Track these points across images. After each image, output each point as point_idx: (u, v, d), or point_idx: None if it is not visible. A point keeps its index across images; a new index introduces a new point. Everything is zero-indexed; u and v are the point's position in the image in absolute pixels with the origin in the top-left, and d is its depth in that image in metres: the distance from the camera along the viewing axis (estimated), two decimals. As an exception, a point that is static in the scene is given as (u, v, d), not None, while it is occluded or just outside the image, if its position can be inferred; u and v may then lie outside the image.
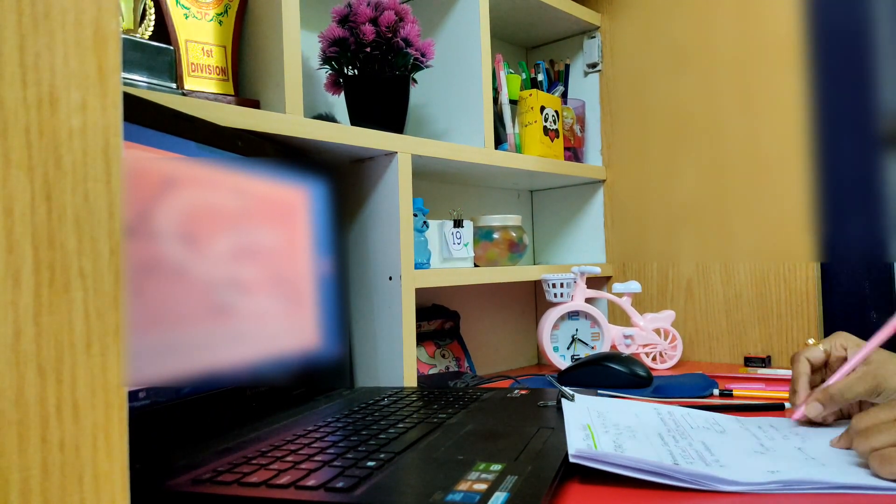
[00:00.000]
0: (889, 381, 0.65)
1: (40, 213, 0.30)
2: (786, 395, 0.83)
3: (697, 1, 1.18)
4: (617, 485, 0.52)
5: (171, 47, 0.77)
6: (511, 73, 1.24)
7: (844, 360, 0.70)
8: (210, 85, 0.83)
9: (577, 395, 0.77)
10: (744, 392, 0.87)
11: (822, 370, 0.72)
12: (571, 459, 0.53)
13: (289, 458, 0.55)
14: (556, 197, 1.42)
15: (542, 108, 1.20)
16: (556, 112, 1.24)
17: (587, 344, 1.15)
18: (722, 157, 1.15)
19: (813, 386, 0.70)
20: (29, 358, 0.30)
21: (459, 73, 1.10)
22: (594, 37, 1.35)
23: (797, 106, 1.00)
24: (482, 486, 0.47)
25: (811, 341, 0.72)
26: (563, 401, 0.74)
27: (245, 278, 0.66)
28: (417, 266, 0.96)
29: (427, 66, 0.98)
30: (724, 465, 0.54)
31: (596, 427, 0.65)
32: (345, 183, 0.97)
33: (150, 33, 0.81)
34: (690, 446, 0.60)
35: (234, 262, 0.65)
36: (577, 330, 1.15)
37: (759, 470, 0.53)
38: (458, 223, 1.06)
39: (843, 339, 0.71)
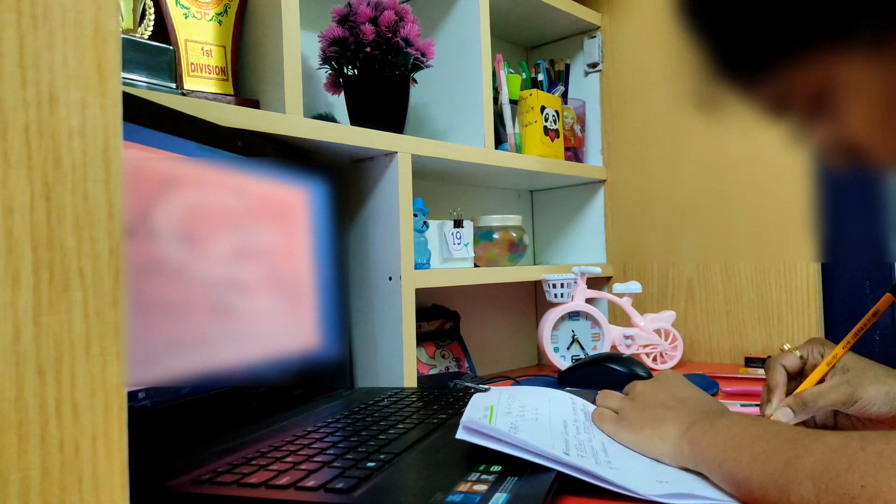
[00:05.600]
0: (865, 389, 0.61)
1: (40, 213, 0.30)
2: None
3: (698, 1, 1.18)
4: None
5: (171, 47, 0.77)
6: (511, 72, 1.23)
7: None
8: (210, 85, 0.83)
9: (493, 388, 0.78)
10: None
11: (798, 378, 0.67)
12: (458, 434, 0.52)
13: (288, 459, 0.55)
14: (556, 197, 1.42)
15: (543, 108, 1.20)
16: (557, 112, 1.24)
17: (583, 347, 1.15)
18: (722, 156, 1.15)
19: (788, 394, 0.66)
20: (29, 358, 0.30)
21: (459, 73, 1.10)
22: (594, 36, 1.35)
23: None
24: (482, 487, 0.47)
25: (787, 346, 0.70)
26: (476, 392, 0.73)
27: (245, 278, 0.66)
28: (417, 266, 0.96)
29: (427, 66, 0.98)
30: (615, 467, 0.53)
31: (499, 409, 0.64)
32: (345, 183, 0.97)
33: (149, 33, 0.81)
34: (589, 442, 0.59)
35: (234, 263, 0.65)
36: (576, 331, 1.15)
37: (649, 479, 0.52)
38: (458, 223, 1.06)
39: (820, 346, 0.68)
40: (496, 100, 1.16)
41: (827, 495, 0.42)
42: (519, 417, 0.61)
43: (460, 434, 0.52)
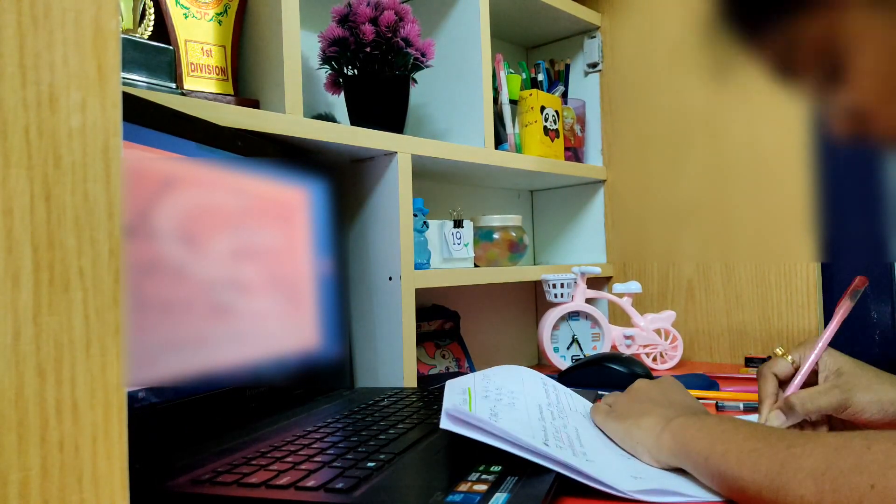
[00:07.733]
0: (859, 396, 0.60)
1: (40, 213, 0.30)
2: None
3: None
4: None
5: (171, 47, 0.77)
6: (511, 72, 1.23)
7: (817, 372, 0.66)
8: (210, 85, 0.83)
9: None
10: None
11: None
12: (441, 423, 0.52)
13: (288, 459, 0.55)
14: (556, 197, 1.42)
15: (543, 108, 1.20)
16: (557, 112, 1.24)
17: (583, 347, 1.15)
18: (722, 156, 1.15)
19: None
20: (28, 358, 0.30)
21: (459, 73, 1.10)
22: (594, 36, 1.35)
23: (797, 105, 1.00)
24: (482, 487, 0.47)
25: (779, 350, 0.69)
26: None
27: (245, 278, 0.66)
28: (417, 266, 0.96)
29: (427, 66, 0.98)
30: (591, 459, 0.53)
31: (476, 390, 0.63)
32: (345, 183, 0.97)
33: (149, 33, 0.81)
34: (564, 428, 0.59)
35: (234, 263, 0.65)
36: (576, 331, 1.15)
37: (624, 474, 0.52)
38: (458, 223, 1.06)
39: (813, 348, 0.66)
40: (496, 100, 1.16)
41: (831, 495, 0.41)
42: (497, 402, 0.61)
43: (444, 423, 0.52)
